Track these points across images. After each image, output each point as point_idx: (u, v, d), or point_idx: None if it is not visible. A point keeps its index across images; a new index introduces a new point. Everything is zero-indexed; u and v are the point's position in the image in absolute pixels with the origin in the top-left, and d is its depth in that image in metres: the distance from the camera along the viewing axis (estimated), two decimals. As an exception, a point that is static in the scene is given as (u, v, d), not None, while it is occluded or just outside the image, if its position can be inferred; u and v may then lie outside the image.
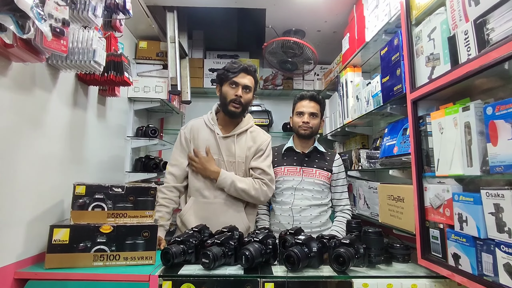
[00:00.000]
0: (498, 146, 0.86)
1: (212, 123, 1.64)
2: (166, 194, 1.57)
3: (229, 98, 1.58)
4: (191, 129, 1.65)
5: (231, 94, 1.58)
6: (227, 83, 1.59)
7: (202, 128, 1.65)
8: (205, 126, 1.65)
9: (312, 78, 2.98)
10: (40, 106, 1.26)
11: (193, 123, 1.68)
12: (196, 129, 1.64)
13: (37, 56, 1.02)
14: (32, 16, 0.81)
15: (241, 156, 1.62)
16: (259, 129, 1.75)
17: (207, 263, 1.15)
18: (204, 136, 1.62)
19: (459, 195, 1.01)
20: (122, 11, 1.48)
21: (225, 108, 1.60)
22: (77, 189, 1.20)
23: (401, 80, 1.37)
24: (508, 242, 0.83)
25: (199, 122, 1.67)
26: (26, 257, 1.16)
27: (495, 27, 0.88)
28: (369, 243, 1.26)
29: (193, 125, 1.66)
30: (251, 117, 1.75)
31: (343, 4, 2.10)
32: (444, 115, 1.08)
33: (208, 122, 1.65)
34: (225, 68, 1.61)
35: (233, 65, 1.60)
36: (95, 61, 1.26)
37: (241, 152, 1.63)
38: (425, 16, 1.23)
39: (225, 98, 1.59)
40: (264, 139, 1.69)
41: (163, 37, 2.40)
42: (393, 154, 1.49)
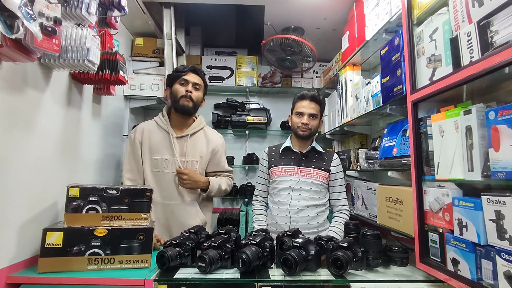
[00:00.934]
0: (500, 152, 0.84)
1: (165, 123, 1.67)
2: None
3: (179, 94, 1.63)
4: (143, 131, 1.67)
5: (181, 90, 1.63)
6: (177, 82, 1.65)
7: (154, 130, 1.68)
8: (157, 128, 1.68)
9: (311, 76, 2.95)
10: (32, 106, 1.23)
11: (144, 125, 1.70)
12: (147, 131, 1.67)
13: (28, 56, 0.99)
14: (20, 16, 0.78)
15: (194, 156, 1.68)
16: (212, 129, 1.84)
17: (203, 266, 1.14)
18: (157, 137, 1.65)
19: (459, 200, 0.99)
20: (117, 7, 1.45)
21: (176, 104, 1.65)
22: (70, 191, 1.18)
23: (401, 81, 1.35)
24: (509, 250, 0.81)
25: (150, 124, 1.70)
26: (18, 261, 1.14)
27: (499, 30, 0.85)
28: (367, 246, 1.25)
29: (144, 127, 1.69)
30: (203, 118, 1.82)
31: (343, 1, 2.07)
32: (445, 118, 1.06)
33: (161, 123, 1.68)
34: (174, 70, 1.70)
35: (181, 66, 1.69)
36: (89, 60, 1.23)
37: (195, 152, 1.68)
38: (427, 16, 1.20)
39: (175, 95, 1.64)
40: (217, 139, 1.78)
41: (159, 34, 2.36)
42: (392, 156, 1.47)
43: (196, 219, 1.66)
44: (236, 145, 3.07)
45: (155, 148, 1.64)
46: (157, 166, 1.63)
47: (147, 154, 1.64)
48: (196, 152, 1.69)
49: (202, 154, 1.71)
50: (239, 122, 2.87)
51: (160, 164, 1.63)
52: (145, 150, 1.65)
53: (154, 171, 1.64)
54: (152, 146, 1.64)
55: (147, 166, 1.64)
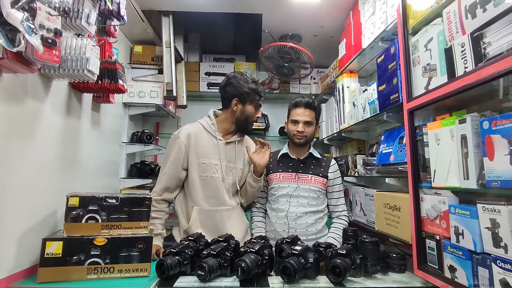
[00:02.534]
0: (494, 161, 0.85)
1: (214, 129, 1.63)
2: (156, 206, 1.54)
3: (252, 118, 1.65)
4: (188, 135, 1.58)
5: (254, 115, 1.66)
6: (253, 103, 1.64)
7: (201, 133, 1.61)
8: (204, 131, 1.62)
9: (308, 82, 2.97)
10: (32, 116, 1.24)
11: (190, 128, 1.62)
12: (194, 135, 1.59)
13: (29, 67, 1.00)
14: (22, 30, 0.80)
15: (239, 162, 1.66)
16: (249, 138, 1.83)
17: (202, 275, 1.14)
18: (204, 141, 1.60)
19: (456, 208, 1.01)
20: (117, 17, 1.47)
21: (246, 126, 1.66)
22: (70, 200, 1.18)
23: (397, 89, 1.37)
24: (504, 258, 0.83)
25: (196, 127, 1.63)
26: (18, 271, 1.13)
27: (492, 42, 0.87)
28: (366, 253, 1.25)
29: (190, 130, 1.60)
30: None
31: (340, 9, 2.10)
32: (440, 127, 1.08)
33: (209, 127, 1.63)
34: (256, 90, 1.64)
35: (260, 88, 1.66)
36: (89, 70, 1.24)
37: (240, 158, 1.67)
38: (422, 25, 1.22)
39: (249, 117, 1.64)
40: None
41: (158, 41, 2.38)
42: (389, 162, 1.48)
43: (243, 225, 1.66)
44: (235, 150, 3.07)
45: (203, 152, 1.57)
46: (205, 171, 1.56)
47: (194, 159, 1.57)
48: (240, 159, 1.67)
49: (246, 161, 1.70)
50: (238, 128, 2.88)
51: (209, 168, 1.57)
52: (192, 154, 1.57)
53: (202, 176, 1.56)
54: (200, 150, 1.57)
55: (194, 171, 1.56)
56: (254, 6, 2.12)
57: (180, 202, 1.61)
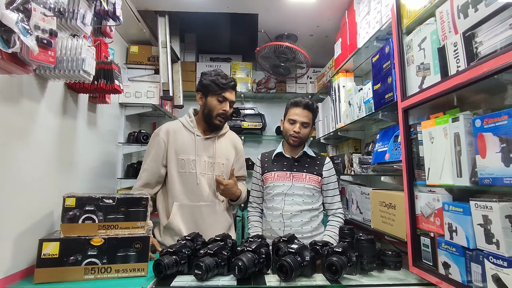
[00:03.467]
0: (486, 159, 0.87)
1: (192, 126, 1.66)
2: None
3: (216, 112, 1.61)
4: (168, 132, 1.63)
5: (218, 108, 1.61)
6: (215, 96, 1.61)
7: (180, 130, 1.65)
8: (183, 128, 1.66)
9: (305, 81, 2.98)
10: (28, 117, 1.24)
11: (169, 126, 1.66)
12: (173, 132, 1.63)
13: (24, 68, 1.00)
14: (17, 31, 0.80)
15: (221, 157, 1.67)
16: (234, 133, 1.84)
17: (200, 274, 1.14)
18: (183, 138, 1.63)
19: (449, 205, 1.02)
20: (112, 17, 1.46)
21: (209, 119, 1.63)
22: (67, 201, 1.18)
23: (392, 88, 1.38)
24: (496, 254, 0.84)
25: (175, 125, 1.68)
26: (14, 272, 1.13)
27: (483, 41, 0.89)
28: (362, 251, 1.27)
29: (169, 128, 1.65)
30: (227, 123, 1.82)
31: (335, 9, 2.11)
32: (434, 125, 1.09)
33: (188, 124, 1.67)
34: (215, 81, 1.61)
35: (223, 80, 1.61)
36: (85, 70, 1.24)
37: (222, 154, 1.68)
38: (415, 25, 1.23)
39: (211, 110, 1.62)
40: (240, 143, 1.81)
41: (154, 42, 2.38)
42: (384, 161, 1.50)
43: (224, 221, 1.66)
44: (232, 150, 3.08)
45: (182, 148, 1.60)
46: (183, 167, 1.59)
47: (173, 155, 1.59)
48: (223, 154, 1.68)
49: (229, 157, 1.71)
50: (235, 127, 2.89)
51: (187, 164, 1.59)
52: (170, 150, 1.60)
53: (181, 172, 1.59)
54: (178, 146, 1.60)
55: (173, 167, 1.59)
56: (250, 6, 2.13)
57: (161, 199, 1.64)
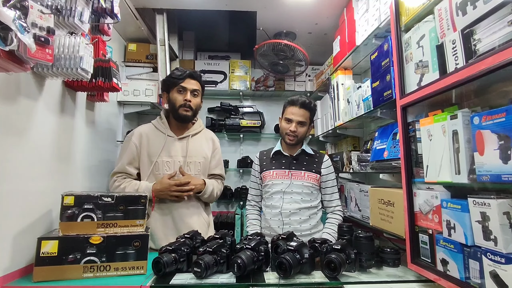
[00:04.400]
0: (484, 156, 0.87)
1: (164, 127, 1.66)
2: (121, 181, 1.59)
3: (178, 103, 1.60)
4: (140, 135, 1.64)
5: (180, 99, 1.60)
6: (175, 89, 1.61)
7: (152, 133, 1.65)
8: (155, 130, 1.66)
9: (303, 79, 2.98)
10: (26, 115, 1.23)
11: (141, 129, 1.68)
12: (145, 135, 1.64)
13: (21, 66, 0.99)
14: (14, 29, 0.79)
15: (197, 156, 1.66)
16: (210, 131, 1.84)
17: (199, 272, 1.15)
18: (156, 140, 1.63)
19: (448, 202, 1.02)
20: (110, 15, 1.46)
21: (175, 113, 1.63)
22: (65, 199, 1.18)
23: (391, 86, 1.38)
24: (494, 250, 0.84)
25: (147, 128, 1.68)
26: (13, 270, 1.13)
27: (481, 38, 0.89)
28: (360, 248, 1.27)
29: (142, 131, 1.66)
30: (201, 120, 1.81)
31: (334, 7, 2.11)
32: (432, 122, 1.09)
33: (160, 126, 1.67)
34: (171, 75, 1.63)
35: (178, 72, 1.62)
36: (82, 68, 1.23)
37: (197, 153, 1.67)
38: (414, 22, 1.23)
39: (174, 104, 1.62)
40: (217, 141, 1.80)
41: (152, 39, 2.37)
42: (383, 158, 1.50)
43: (201, 219, 1.66)
44: (231, 148, 3.08)
45: (154, 151, 1.61)
46: (158, 169, 1.60)
47: (146, 158, 1.60)
48: (198, 153, 1.67)
49: (205, 155, 1.70)
50: (233, 125, 2.89)
51: (161, 166, 1.60)
52: (143, 153, 1.61)
53: (156, 174, 1.60)
54: (151, 149, 1.61)
55: (146, 169, 1.60)
56: (248, 3, 2.12)
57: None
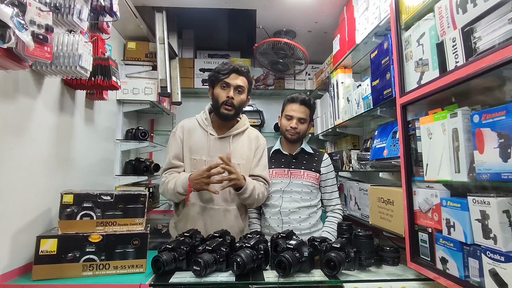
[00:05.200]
0: (484, 154, 0.87)
1: (206, 124, 1.58)
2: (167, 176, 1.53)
3: (221, 100, 1.52)
4: (183, 129, 1.58)
5: (223, 96, 1.52)
6: (219, 84, 1.54)
7: (195, 128, 1.58)
8: (198, 126, 1.59)
9: (303, 78, 2.98)
10: (24, 113, 1.23)
11: (185, 123, 1.61)
12: (188, 129, 1.58)
13: (20, 64, 0.99)
14: (12, 26, 0.79)
15: (236, 158, 1.55)
16: (256, 131, 1.71)
17: (198, 270, 1.15)
18: (197, 137, 1.56)
19: (447, 201, 1.02)
20: (109, 13, 1.45)
21: (217, 111, 1.55)
22: (64, 198, 1.17)
23: (390, 84, 1.38)
24: (494, 249, 0.84)
25: (192, 122, 1.61)
26: (12, 269, 1.13)
27: (482, 36, 0.88)
28: (360, 247, 1.27)
29: (185, 125, 1.59)
30: (247, 118, 1.71)
31: (334, 5, 2.10)
32: (432, 121, 1.09)
33: (202, 122, 1.59)
34: (216, 70, 1.56)
35: (224, 66, 1.55)
36: (81, 66, 1.23)
37: (237, 154, 1.57)
38: (414, 21, 1.23)
39: (217, 100, 1.54)
40: (261, 141, 1.67)
41: (152, 38, 2.36)
42: (383, 157, 1.50)
43: (235, 227, 1.55)
44: (230, 147, 3.07)
45: (195, 148, 1.55)
46: (196, 167, 1.52)
47: (187, 154, 1.55)
48: (238, 154, 1.57)
49: (246, 156, 1.58)
50: (233, 124, 2.88)
51: (199, 165, 1.51)
52: (185, 149, 1.55)
53: (194, 172, 1.51)
54: (192, 145, 1.55)
55: (187, 166, 1.55)
56: (248, 2, 2.11)
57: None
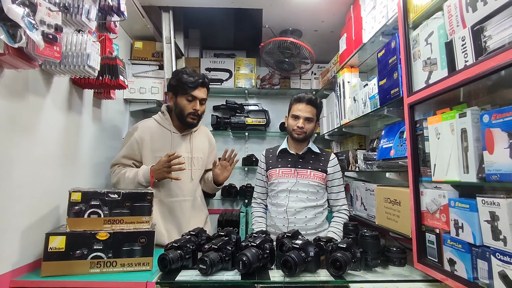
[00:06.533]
0: (494, 154, 0.86)
1: (168, 123, 1.68)
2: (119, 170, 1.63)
3: (187, 111, 1.61)
4: (143, 131, 1.64)
5: (188, 108, 1.61)
6: (183, 96, 1.61)
7: (155, 128, 1.67)
8: (158, 126, 1.67)
9: (309, 77, 2.97)
10: (33, 112, 1.25)
11: (144, 124, 1.69)
12: (148, 130, 1.65)
13: (30, 63, 1.00)
14: (23, 26, 0.80)
15: (198, 152, 1.72)
16: (206, 128, 1.89)
17: (204, 269, 1.15)
18: (159, 136, 1.64)
19: (455, 201, 1.01)
20: (117, 13, 1.46)
21: (182, 119, 1.64)
22: (72, 196, 1.19)
23: (398, 84, 1.37)
24: (503, 250, 0.83)
25: (150, 123, 1.69)
26: (22, 265, 1.15)
27: (492, 35, 0.87)
28: (366, 247, 1.26)
29: (144, 126, 1.66)
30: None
31: (340, 4, 2.09)
32: (440, 121, 1.08)
33: (163, 122, 1.68)
34: (182, 81, 1.59)
35: (190, 79, 1.59)
36: (89, 65, 1.24)
37: (199, 149, 1.72)
38: (422, 19, 1.22)
39: (182, 110, 1.62)
40: (213, 138, 1.87)
41: (158, 37, 2.38)
42: (390, 157, 1.49)
43: (202, 214, 1.70)
44: (236, 146, 3.07)
45: (158, 146, 1.62)
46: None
47: (149, 153, 1.61)
48: (200, 149, 1.72)
49: (205, 151, 1.75)
50: (238, 123, 2.89)
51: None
52: (146, 148, 1.61)
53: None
54: (154, 144, 1.62)
55: (149, 164, 1.59)
56: (254, 1, 2.11)
57: None
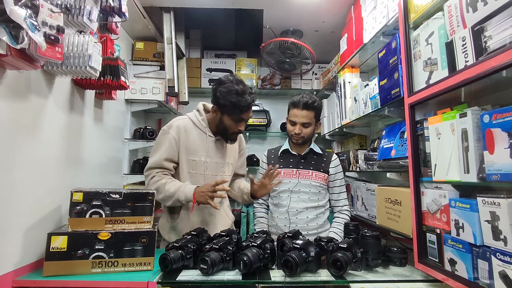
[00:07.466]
0: (494, 155, 0.86)
1: (204, 125, 1.59)
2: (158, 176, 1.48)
3: (231, 131, 1.55)
4: (178, 129, 1.54)
5: (234, 127, 1.55)
6: (232, 116, 1.51)
7: (191, 129, 1.57)
8: (193, 127, 1.58)
9: (310, 78, 2.97)
10: (36, 112, 1.25)
11: (179, 123, 1.56)
12: (183, 130, 1.55)
13: (32, 64, 1.01)
14: (25, 27, 0.80)
15: (230, 158, 1.67)
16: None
17: (205, 268, 1.15)
18: (195, 137, 1.56)
19: (456, 201, 1.01)
20: (118, 13, 1.47)
21: (225, 136, 1.58)
22: (74, 196, 1.19)
23: (398, 84, 1.37)
24: (504, 250, 0.83)
25: (186, 122, 1.58)
26: (24, 265, 1.16)
27: (492, 35, 0.87)
28: (367, 247, 1.26)
29: (180, 125, 1.56)
30: None
31: (341, 4, 2.09)
32: (441, 121, 1.08)
33: (198, 123, 1.59)
34: (235, 104, 1.47)
35: (243, 102, 1.48)
36: (91, 66, 1.25)
37: (231, 154, 1.68)
38: (423, 20, 1.22)
39: (226, 129, 1.55)
40: (243, 142, 1.81)
41: (160, 38, 2.39)
42: (390, 157, 1.49)
43: (228, 219, 1.66)
44: (237, 146, 3.09)
45: (193, 148, 1.54)
46: (194, 168, 1.53)
47: (184, 155, 1.52)
48: (231, 154, 1.68)
49: (235, 156, 1.71)
50: (239, 124, 2.89)
51: (199, 166, 1.54)
52: (182, 150, 1.52)
53: (192, 173, 1.53)
54: (190, 146, 1.53)
55: (184, 168, 1.53)
56: (255, 1, 2.12)
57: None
